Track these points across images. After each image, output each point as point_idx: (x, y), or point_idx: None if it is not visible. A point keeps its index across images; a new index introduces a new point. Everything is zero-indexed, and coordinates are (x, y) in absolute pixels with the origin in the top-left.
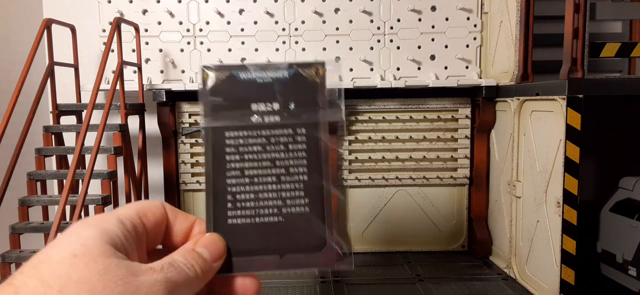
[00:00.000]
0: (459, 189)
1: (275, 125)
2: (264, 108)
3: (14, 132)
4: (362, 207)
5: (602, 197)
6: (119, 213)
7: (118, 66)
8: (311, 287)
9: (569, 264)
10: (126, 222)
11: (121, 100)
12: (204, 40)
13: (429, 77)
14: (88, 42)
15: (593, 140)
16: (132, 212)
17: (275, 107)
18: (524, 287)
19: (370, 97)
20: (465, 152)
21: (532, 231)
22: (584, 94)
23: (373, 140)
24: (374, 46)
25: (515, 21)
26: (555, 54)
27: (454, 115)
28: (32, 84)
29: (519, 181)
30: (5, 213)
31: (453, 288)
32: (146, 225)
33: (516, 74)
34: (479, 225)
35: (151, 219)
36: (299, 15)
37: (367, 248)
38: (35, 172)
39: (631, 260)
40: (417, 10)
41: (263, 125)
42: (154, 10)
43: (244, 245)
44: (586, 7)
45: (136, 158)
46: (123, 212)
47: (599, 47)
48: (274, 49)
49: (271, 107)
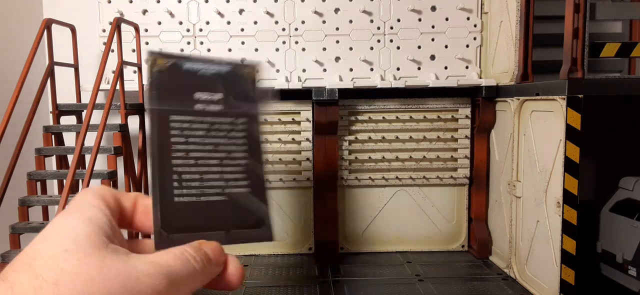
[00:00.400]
0: (459, 189)
1: (217, 113)
2: (206, 97)
3: (14, 132)
4: (362, 207)
5: (602, 197)
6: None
7: (118, 66)
8: (311, 287)
9: (569, 264)
10: (103, 207)
11: (121, 100)
12: (204, 40)
13: (429, 77)
14: (88, 42)
15: (593, 140)
16: (99, 200)
17: (216, 97)
18: (524, 287)
19: (370, 97)
20: (465, 152)
21: (532, 231)
22: (583, 94)
23: (373, 140)
24: (374, 46)
25: (515, 21)
26: (555, 54)
27: (454, 115)
28: (32, 84)
29: (519, 181)
30: (5, 213)
31: (453, 288)
32: (112, 208)
33: (516, 74)
34: (479, 225)
35: (111, 203)
36: (299, 15)
37: (367, 248)
38: (35, 172)
39: (631, 260)
40: (417, 10)
41: (206, 112)
42: (154, 10)
43: (191, 221)
44: (586, 7)
45: (136, 158)
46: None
47: (599, 47)
48: (274, 49)
49: (213, 97)
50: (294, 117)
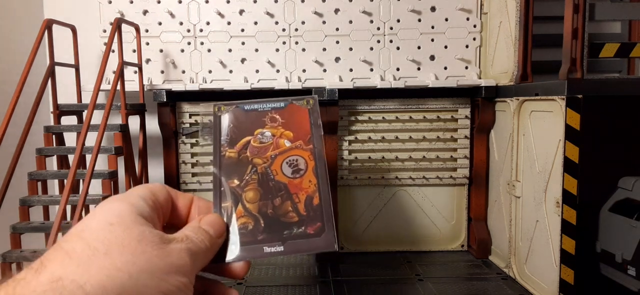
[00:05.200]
0: (458, 189)
1: None
2: None
3: (15, 132)
4: (362, 207)
5: (601, 197)
6: (137, 192)
7: (119, 66)
8: (311, 287)
9: (568, 264)
10: (147, 199)
11: (122, 100)
12: (204, 40)
13: (428, 78)
14: (89, 43)
15: (592, 141)
16: (147, 192)
17: None
18: (524, 286)
19: (370, 97)
20: (464, 152)
21: (532, 231)
22: (583, 94)
23: (373, 140)
24: (373, 46)
25: (515, 21)
26: (555, 54)
27: (454, 116)
28: (33, 84)
29: (519, 181)
30: (6, 213)
31: (453, 288)
32: (160, 202)
33: (515, 74)
34: (479, 225)
35: (161, 198)
36: (299, 15)
37: (367, 248)
38: (36, 172)
39: (630, 259)
40: (416, 10)
41: None
42: (154, 11)
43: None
44: (585, 8)
45: (137, 158)
46: (140, 192)
47: (598, 48)
48: (274, 50)
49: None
50: None
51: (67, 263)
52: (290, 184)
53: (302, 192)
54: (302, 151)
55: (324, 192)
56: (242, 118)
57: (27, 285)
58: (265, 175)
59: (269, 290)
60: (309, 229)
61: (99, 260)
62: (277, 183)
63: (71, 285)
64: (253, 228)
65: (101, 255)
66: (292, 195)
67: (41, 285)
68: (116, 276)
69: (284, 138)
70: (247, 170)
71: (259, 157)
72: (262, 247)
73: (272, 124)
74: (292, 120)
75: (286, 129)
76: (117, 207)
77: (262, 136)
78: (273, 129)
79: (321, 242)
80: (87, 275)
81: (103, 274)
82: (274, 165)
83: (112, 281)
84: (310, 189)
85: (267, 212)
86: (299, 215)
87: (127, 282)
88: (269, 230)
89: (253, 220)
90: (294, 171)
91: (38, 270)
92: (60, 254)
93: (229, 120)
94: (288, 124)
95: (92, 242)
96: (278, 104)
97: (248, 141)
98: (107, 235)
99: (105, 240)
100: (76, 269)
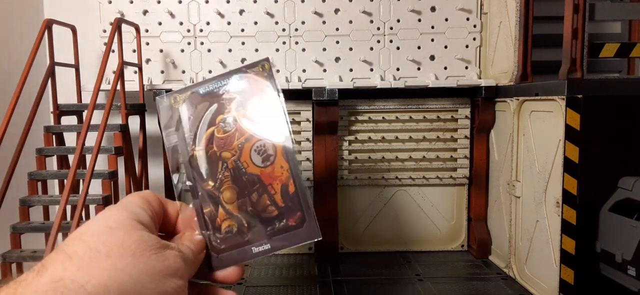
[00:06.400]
0: (458, 189)
1: None
2: None
3: (14, 132)
4: (362, 207)
5: (601, 197)
6: (133, 200)
7: (119, 66)
8: (311, 287)
9: (568, 264)
10: (144, 206)
11: (122, 100)
12: (204, 40)
13: (428, 78)
14: (89, 43)
15: (592, 141)
16: (143, 200)
17: None
18: (524, 286)
19: (370, 97)
20: (464, 152)
21: (532, 231)
22: (583, 94)
23: (373, 140)
24: (373, 46)
25: (515, 21)
26: (555, 54)
27: (454, 116)
28: (32, 84)
29: (519, 181)
30: (6, 213)
31: (453, 288)
32: (155, 209)
33: (515, 74)
34: (479, 225)
35: (155, 205)
36: (299, 15)
37: (367, 248)
38: (36, 172)
39: (630, 259)
40: (416, 10)
41: None
42: (154, 11)
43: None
44: (585, 8)
45: (137, 158)
46: (136, 200)
47: (598, 48)
48: (274, 50)
49: None
50: (294, 117)
51: (68, 265)
52: (263, 175)
53: (276, 181)
54: None
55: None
56: (199, 106)
57: (28, 286)
58: (236, 169)
59: (269, 290)
60: (290, 221)
61: (100, 261)
62: (250, 176)
63: (72, 285)
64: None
65: (102, 257)
66: (267, 187)
67: (42, 285)
68: (117, 277)
69: (246, 118)
70: (219, 167)
71: (227, 150)
72: (250, 249)
73: (230, 105)
74: (251, 94)
75: (245, 107)
76: (116, 214)
77: (224, 124)
78: (233, 111)
79: (304, 233)
80: (88, 276)
81: (104, 275)
82: (243, 156)
83: (113, 282)
84: (283, 175)
85: (247, 210)
86: (278, 207)
87: (128, 283)
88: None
89: (236, 221)
90: (264, 159)
91: (39, 272)
92: (62, 256)
93: (189, 112)
94: (246, 99)
95: (93, 244)
96: (232, 78)
97: (212, 133)
98: (108, 238)
99: (106, 243)
100: (77, 270)
